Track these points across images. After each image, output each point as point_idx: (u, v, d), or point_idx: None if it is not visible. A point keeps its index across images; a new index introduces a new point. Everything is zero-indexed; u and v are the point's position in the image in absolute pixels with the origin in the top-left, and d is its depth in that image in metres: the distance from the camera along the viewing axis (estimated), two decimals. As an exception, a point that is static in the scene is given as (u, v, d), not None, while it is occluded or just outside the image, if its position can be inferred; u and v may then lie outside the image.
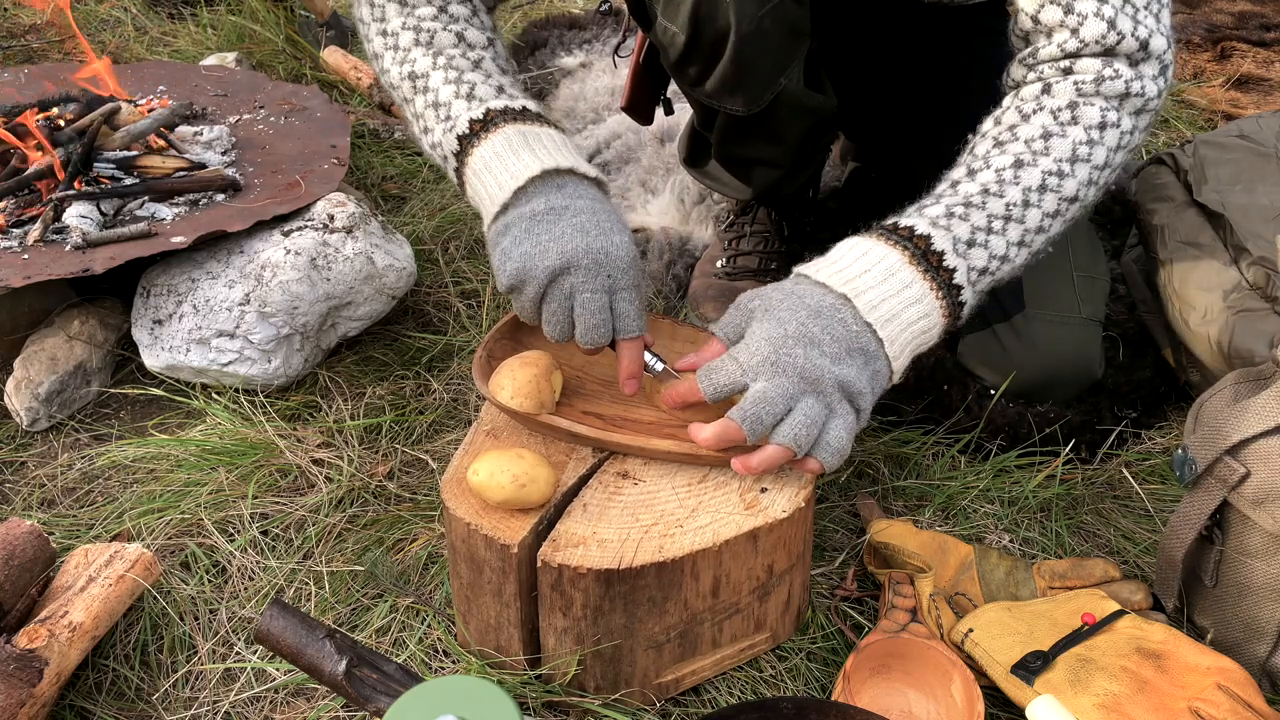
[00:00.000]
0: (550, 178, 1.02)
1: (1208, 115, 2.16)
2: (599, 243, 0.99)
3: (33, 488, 1.34)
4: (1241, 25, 2.41)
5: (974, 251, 1.00)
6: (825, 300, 0.98)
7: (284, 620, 0.89)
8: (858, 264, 1.00)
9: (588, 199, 1.02)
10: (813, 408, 0.94)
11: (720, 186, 1.61)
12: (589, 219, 1.00)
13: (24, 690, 0.95)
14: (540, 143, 1.03)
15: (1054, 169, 1.03)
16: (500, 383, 1.02)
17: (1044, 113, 1.05)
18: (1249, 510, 0.97)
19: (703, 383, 0.98)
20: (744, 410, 0.95)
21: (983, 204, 1.02)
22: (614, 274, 1.00)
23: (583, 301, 1.00)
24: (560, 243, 0.99)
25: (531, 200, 1.01)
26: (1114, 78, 1.04)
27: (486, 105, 1.04)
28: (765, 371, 0.95)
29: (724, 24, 1.16)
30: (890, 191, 1.59)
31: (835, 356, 0.95)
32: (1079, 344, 1.35)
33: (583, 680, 1.00)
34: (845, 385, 0.95)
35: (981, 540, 1.20)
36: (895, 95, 1.53)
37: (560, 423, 1.02)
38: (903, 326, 0.98)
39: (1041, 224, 1.03)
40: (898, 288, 0.98)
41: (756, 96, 1.25)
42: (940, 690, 0.98)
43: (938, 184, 1.07)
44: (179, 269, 1.46)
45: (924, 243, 0.99)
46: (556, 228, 0.99)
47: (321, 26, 2.58)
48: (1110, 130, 1.04)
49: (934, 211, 1.02)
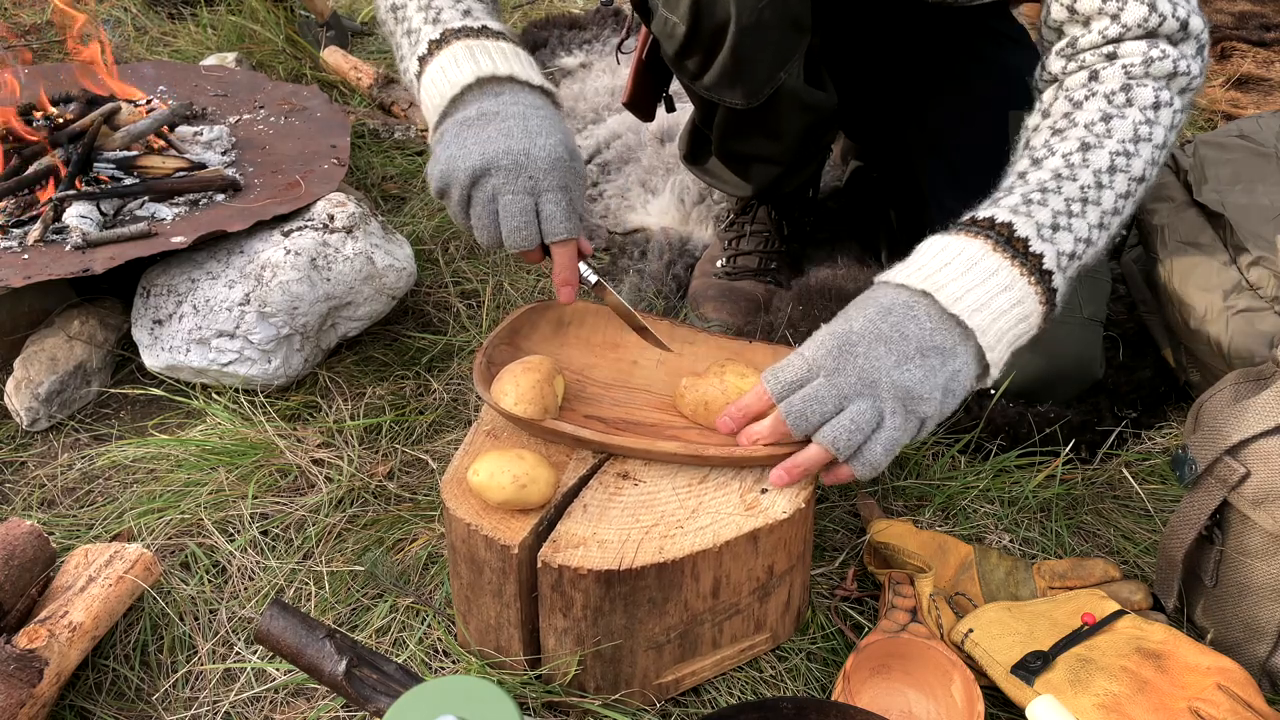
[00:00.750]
0: (488, 85, 1.02)
1: (1208, 115, 2.16)
2: (521, 144, 0.98)
3: (33, 488, 1.34)
4: (1241, 25, 2.41)
5: (1059, 235, 0.97)
6: (899, 298, 0.94)
7: (284, 620, 0.89)
8: (937, 259, 0.95)
9: (523, 105, 1.01)
10: (863, 412, 0.91)
11: (720, 184, 1.61)
12: (516, 123, 0.99)
13: (24, 690, 0.95)
14: (487, 54, 1.03)
15: (1120, 149, 1.01)
16: (503, 389, 1.02)
17: (1097, 98, 1.03)
18: (1249, 510, 0.97)
19: (769, 382, 0.95)
20: (791, 404, 0.93)
21: (1058, 188, 0.99)
22: (536, 175, 0.99)
23: (504, 204, 0.99)
24: (482, 145, 0.98)
25: (465, 108, 1.01)
26: (1161, 58, 1.03)
27: (444, 26, 1.05)
28: (827, 367, 0.92)
29: (724, 15, 1.16)
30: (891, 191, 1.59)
31: (903, 356, 0.91)
32: (1080, 344, 1.35)
33: (583, 681, 1.00)
34: (905, 391, 0.91)
35: (981, 540, 1.20)
36: (897, 95, 1.53)
37: (564, 428, 1.02)
38: (995, 314, 0.93)
39: (1116, 205, 1.01)
40: (983, 276, 0.93)
41: (756, 90, 1.25)
42: (940, 690, 0.98)
43: (1003, 179, 1.04)
44: (179, 269, 1.46)
45: (1006, 230, 0.95)
46: (484, 132, 0.99)
47: (321, 26, 2.58)
48: (1164, 109, 1.03)
49: (1011, 201, 0.99)
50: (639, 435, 1.05)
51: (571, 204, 1.01)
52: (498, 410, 1.02)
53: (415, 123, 2.19)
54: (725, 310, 1.56)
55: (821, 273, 1.52)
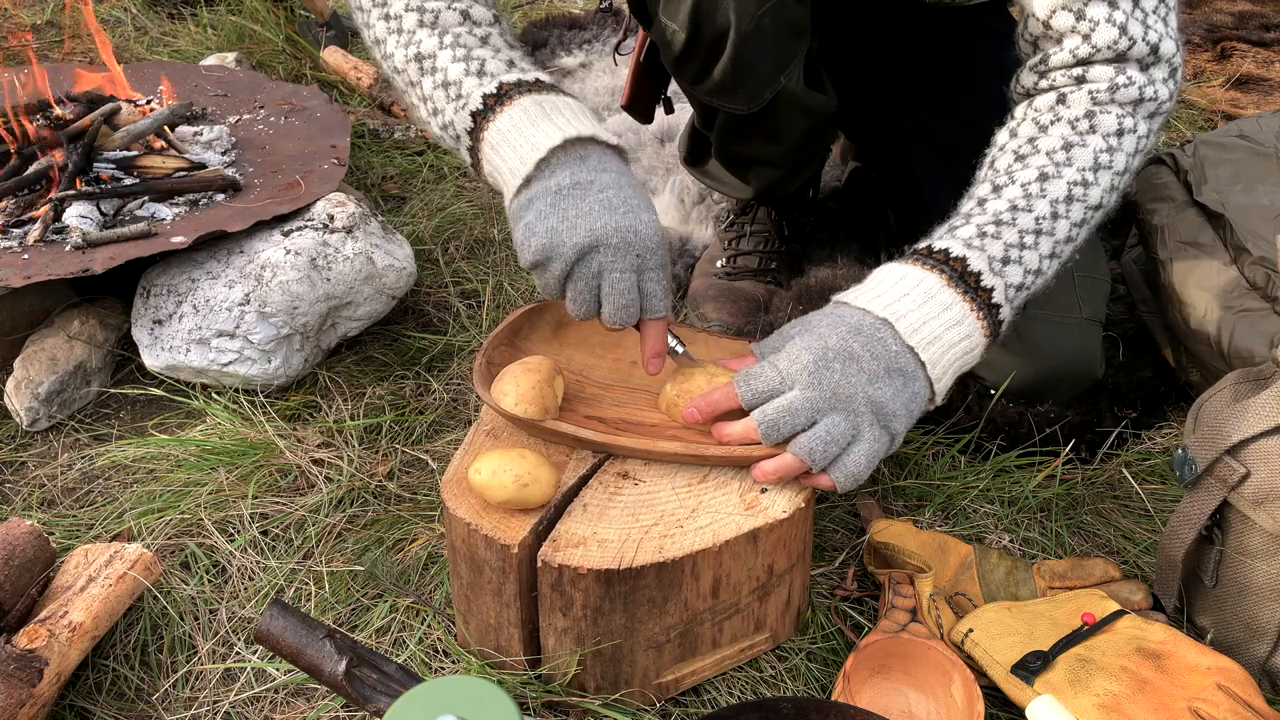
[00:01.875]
0: (572, 147, 0.99)
1: (1208, 115, 2.16)
2: (627, 221, 0.97)
3: (33, 488, 1.34)
4: (1241, 25, 2.41)
5: (1009, 269, 1.01)
6: (866, 320, 0.98)
7: (284, 620, 0.89)
8: (896, 288, 1.00)
9: (612, 172, 1.00)
10: (837, 425, 0.95)
11: (720, 186, 1.61)
12: (615, 195, 0.98)
13: (24, 690, 0.95)
14: (559, 111, 1.00)
15: (1078, 179, 1.03)
16: (503, 389, 1.02)
17: (1062, 123, 1.06)
18: (1249, 510, 0.97)
19: (740, 388, 0.98)
20: (765, 413, 0.95)
21: (1013, 220, 1.02)
22: (643, 253, 0.98)
23: (611, 281, 0.98)
24: (589, 220, 0.97)
25: (556, 173, 0.98)
26: (1128, 84, 1.04)
27: (499, 79, 1.01)
28: (802, 381, 0.95)
29: (724, 22, 1.16)
30: (890, 192, 1.59)
31: (874, 375, 0.96)
32: (1080, 344, 1.35)
33: (583, 680, 1.00)
34: (879, 407, 0.96)
35: (981, 540, 1.20)
36: (896, 95, 1.53)
37: (565, 428, 1.02)
38: (945, 348, 0.98)
39: (1070, 234, 1.04)
40: (938, 310, 0.98)
41: (756, 95, 1.25)
42: (940, 690, 0.98)
43: (963, 203, 1.07)
44: (179, 269, 1.46)
45: (960, 265, 0.99)
46: (584, 203, 0.97)
47: (321, 26, 2.58)
48: (1128, 136, 1.05)
49: (966, 232, 1.02)
50: (640, 435, 1.05)
51: (669, 282, 1.02)
52: (498, 411, 1.02)
53: (415, 123, 2.19)
54: (725, 310, 1.56)
55: (821, 273, 1.52)
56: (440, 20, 1.05)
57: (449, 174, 2.03)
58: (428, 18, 1.05)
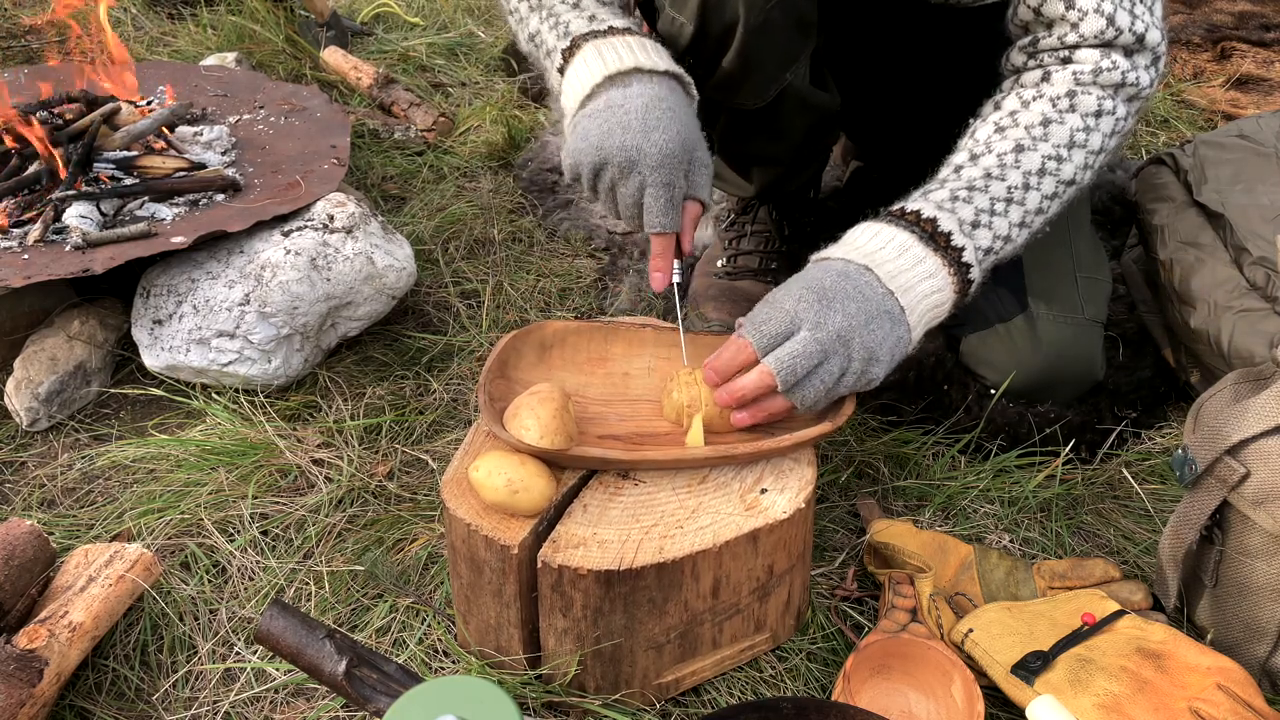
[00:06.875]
0: (618, 79, 1.05)
1: (1208, 115, 2.16)
2: (635, 139, 1.02)
3: (33, 488, 1.34)
4: (1241, 25, 2.41)
5: (979, 232, 1.04)
6: (850, 267, 1.01)
7: (284, 620, 0.89)
8: (872, 242, 1.04)
9: (648, 96, 1.04)
10: (833, 369, 0.98)
11: (722, 183, 1.60)
12: (636, 116, 1.03)
13: (24, 690, 0.95)
14: (613, 50, 1.06)
15: (1053, 154, 1.08)
16: (524, 424, 0.98)
17: (1043, 100, 1.10)
18: (1249, 510, 0.97)
19: (752, 335, 0.99)
20: (780, 359, 0.97)
21: (985, 187, 1.06)
22: (644, 170, 1.03)
23: (619, 195, 1.05)
24: (601, 138, 1.03)
25: (595, 100, 1.06)
26: (1111, 69, 1.08)
27: (572, 35, 1.09)
28: (809, 320, 0.97)
29: (732, 16, 1.16)
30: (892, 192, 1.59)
31: (869, 315, 0.98)
32: (1081, 345, 1.35)
33: (583, 680, 1.00)
34: (869, 352, 0.98)
35: (981, 540, 1.20)
36: (899, 96, 1.53)
37: (592, 453, 1.00)
38: (919, 297, 1.02)
39: (1040, 205, 1.08)
40: (912, 262, 1.02)
41: (762, 91, 1.25)
42: (940, 690, 0.98)
43: (940, 168, 1.11)
44: (179, 269, 1.46)
45: (931, 225, 1.03)
46: (604, 124, 1.03)
47: (321, 26, 2.58)
48: (1105, 118, 1.09)
49: (939, 196, 1.06)
50: (661, 446, 1.04)
51: (671, 200, 1.05)
52: (520, 447, 0.98)
53: (415, 123, 2.19)
54: (725, 310, 1.56)
55: (821, 273, 1.52)
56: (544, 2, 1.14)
57: (449, 174, 2.03)
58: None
